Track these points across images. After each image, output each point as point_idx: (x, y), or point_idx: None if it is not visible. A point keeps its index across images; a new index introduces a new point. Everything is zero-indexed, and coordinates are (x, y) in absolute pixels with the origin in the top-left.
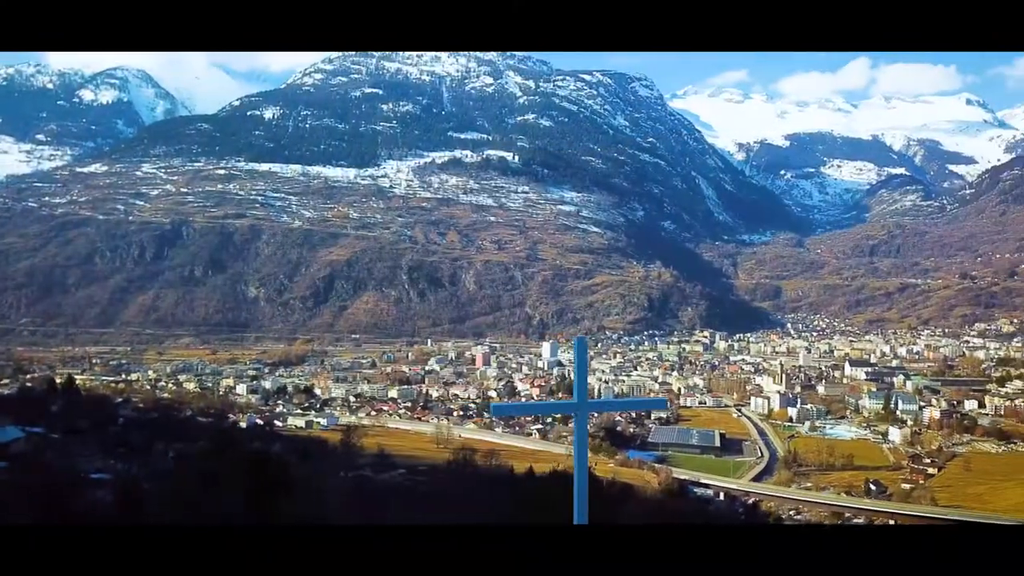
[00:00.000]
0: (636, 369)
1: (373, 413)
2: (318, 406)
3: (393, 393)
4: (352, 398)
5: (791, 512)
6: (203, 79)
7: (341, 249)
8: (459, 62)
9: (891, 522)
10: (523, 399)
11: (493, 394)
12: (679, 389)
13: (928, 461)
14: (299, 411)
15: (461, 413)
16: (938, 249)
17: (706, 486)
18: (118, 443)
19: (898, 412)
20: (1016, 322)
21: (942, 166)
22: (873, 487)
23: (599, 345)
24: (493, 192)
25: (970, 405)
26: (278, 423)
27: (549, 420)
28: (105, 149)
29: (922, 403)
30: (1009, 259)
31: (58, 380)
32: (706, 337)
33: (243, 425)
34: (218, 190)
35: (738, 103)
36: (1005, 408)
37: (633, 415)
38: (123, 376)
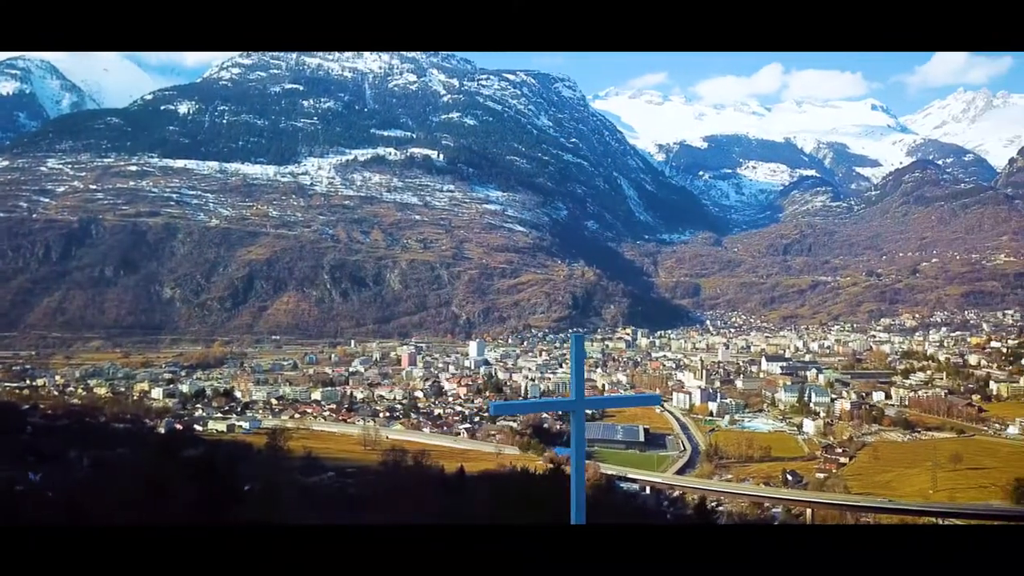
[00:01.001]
0: (561, 367)
1: (297, 416)
2: (239, 409)
3: (316, 395)
4: (274, 401)
5: (713, 504)
6: (112, 71)
7: (260, 248)
8: (382, 59)
9: (807, 511)
10: (450, 399)
11: (420, 395)
12: (603, 386)
13: (840, 451)
14: (219, 415)
15: (387, 414)
16: (846, 248)
17: (633, 480)
18: (28, 451)
19: (811, 404)
20: (918, 317)
21: (849, 168)
22: (790, 477)
23: (525, 343)
24: (418, 190)
25: (878, 396)
26: (198, 427)
27: (477, 420)
28: (6, 143)
29: (833, 395)
30: (911, 257)
31: None
32: (628, 334)
33: (161, 430)
34: (130, 187)
35: (658, 105)
36: (909, 399)
37: (560, 412)
38: (28, 382)
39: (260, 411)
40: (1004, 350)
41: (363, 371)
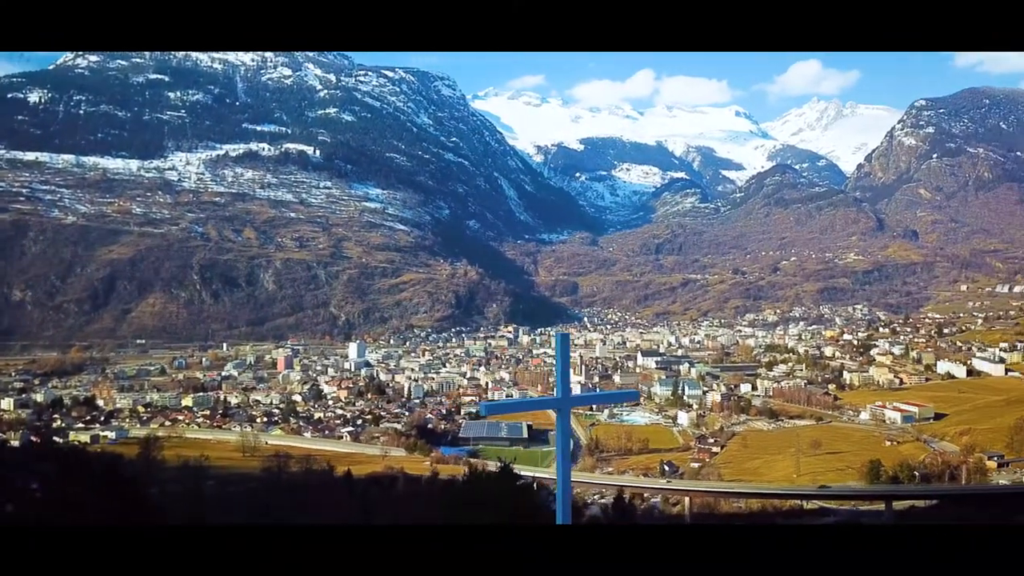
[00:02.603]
0: (445, 366)
1: (167, 423)
2: (102, 419)
3: (188, 401)
4: (141, 408)
5: (596, 496)
6: None
7: (123, 247)
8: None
9: (687, 499)
10: (331, 402)
11: (298, 398)
12: (487, 383)
13: (712, 441)
14: (81, 425)
15: (265, 419)
16: (714, 247)
17: (519, 477)
18: None
19: (685, 397)
20: (779, 312)
21: (716, 171)
22: (667, 468)
23: (407, 343)
24: (293, 187)
25: (745, 388)
26: (57, 439)
27: (360, 422)
28: None
29: (705, 388)
30: (772, 255)
31: None
32: (510, 332)
33: (15, 443)
34: None
35: (536, 107)
36: (773, 390)
37: (443, 412)
38: None
39: (126, 420)
40: (855, 342)
41: (237, 375)
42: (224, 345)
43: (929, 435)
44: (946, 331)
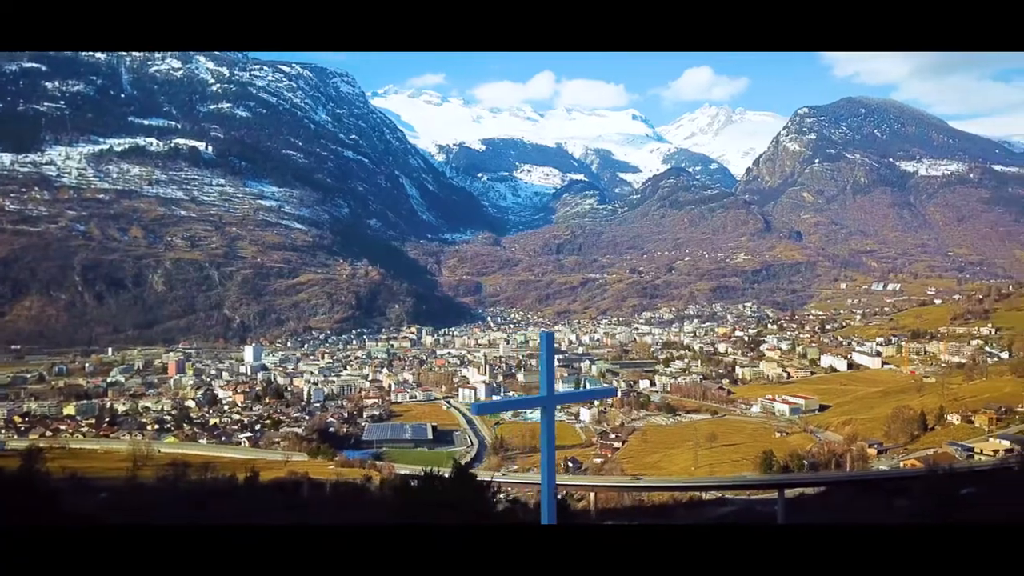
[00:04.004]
0: (346, 368)
1: (48, 434)
2: None
3: (70, 410)
4: (18, 418)
5: (502, 495)
6: None
7: None
8: None
9: (592, 494)
10: (227, 407)
11: (191, 404)
12: (390, 385)
13: (613, 436)
14: None
15: (156, 427)
16: (612, 247)
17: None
18: None
19: None
20: (674, 310)
21: (614, 174)
22: (571, 464)
23: (306, 346)
24: (184, 184)
25: (644, 384)
26: None
27: (259, 428)
28: None
29: (605, 385)
30: (667, 255)
31: None
32: (414, 333)
33: None
34: None
35: (436, 106)
36: (671, 385)
37: (345, 415)
38: None
39: (1, 431)
40: (746, 339)
41: (124, 381)
42: (109, 350)
43: (815, 426)
44: (828, 327)
